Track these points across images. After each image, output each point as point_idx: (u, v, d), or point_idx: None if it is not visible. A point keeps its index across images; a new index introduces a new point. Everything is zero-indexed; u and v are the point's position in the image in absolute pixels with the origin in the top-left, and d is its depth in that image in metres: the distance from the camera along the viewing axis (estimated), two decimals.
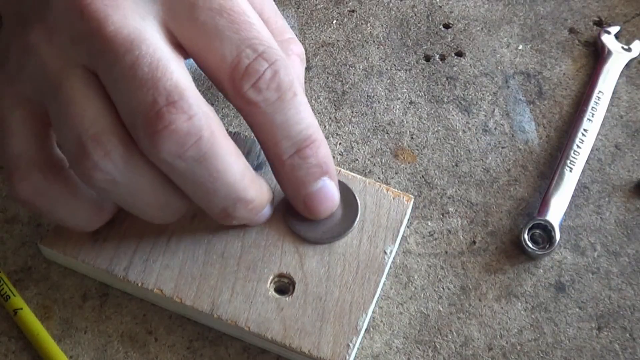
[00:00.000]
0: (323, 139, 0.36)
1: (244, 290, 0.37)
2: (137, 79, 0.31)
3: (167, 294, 0.37)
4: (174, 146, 0.31)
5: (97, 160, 0.32)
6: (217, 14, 0.33)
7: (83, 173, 0.32)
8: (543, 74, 0.47)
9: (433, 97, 0.46)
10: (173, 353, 0.37)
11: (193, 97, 0.32)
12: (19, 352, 0.37)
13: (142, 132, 0.31)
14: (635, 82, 0.47)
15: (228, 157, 0.33)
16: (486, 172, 0.43)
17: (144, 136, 0.31)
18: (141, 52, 0.31)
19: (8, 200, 0.42)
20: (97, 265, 0.38)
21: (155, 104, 0.31)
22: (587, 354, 0.38)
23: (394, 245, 0.39)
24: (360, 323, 0.36)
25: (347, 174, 0.41)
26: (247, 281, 0.37)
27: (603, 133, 0.45)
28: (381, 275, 0.38)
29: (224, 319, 0.36)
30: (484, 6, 0.50)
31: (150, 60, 0.31)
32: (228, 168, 0.33)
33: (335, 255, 0.38)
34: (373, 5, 0.50)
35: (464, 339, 0.38)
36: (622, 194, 0.43)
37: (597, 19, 0.50)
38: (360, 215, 0.39)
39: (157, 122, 0.31)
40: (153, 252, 0.38)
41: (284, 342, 0.36)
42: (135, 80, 0.31)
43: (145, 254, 0.38)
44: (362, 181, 0.40)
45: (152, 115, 0.31)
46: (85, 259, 0.38)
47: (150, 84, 0.31)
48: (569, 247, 0.41)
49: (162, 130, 0.31)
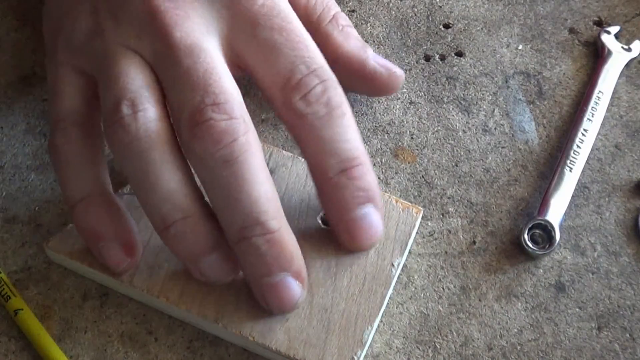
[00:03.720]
0: (370, 165, 0.37)
1: (249, 299, 0.37)
2: (192, 81, 0.34)
3: (172, 302, 0.37)
4: (209, 141, 0.33)
5: (125, 116, 0.34)
6: (276, 33, 0.36)
7: (109, 127, 0.35)
8: (543, 74, 0.47)
9: (433, 97, 0.46)
10: (173, 353, 0.37)
11: (238, 104, 0.34)
12: (19, 352, 0.37)
13: (184, 124, 0.34)
14: (635, 82, 0.47)
15: (259, 173, 0.34)
16: (486, 172, 0.43)
17: (185, 128, 0.34)
18: (199, 59, 0.35)
19: (8, 200, 0.42)
20: (104, 270, 0.38)
21: (202, 102, 0.34)
22: (587, 354, 0.38)
23: (402, 258, 0.39)
24: (365, 336, 0.36)
25: None
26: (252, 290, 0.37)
27: (603, 133, 0.45)
28: (388, 288, 0.38)
29: (228, 329, 0.36)
30: (484, 6, 0.50)
31: (206, 67, 0.35)
32: (256, 181, 0.34)
33: (342, 267, 0.38)
34: (373, 5, 0.50)
35: (464, 339, 0.38)
36: (622, 194, 0.43)
37: (597, 19, 0.49)
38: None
39: (199, 116, 0.34)
40: (159, 259, 0.38)
41: (288, 353, 0.35)
42: (189, 81, 0.34)
43: (151, 261, 0.38)
44: None
45: (197, 112, 0.34)
46: (92, 263, 0.38)
47: (202, 86, 0.34)
48: (569, 247, 0.41)
49: (202, 124, 0.33)
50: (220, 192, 0.34)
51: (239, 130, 0.34)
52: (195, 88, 0.34)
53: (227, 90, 0.34)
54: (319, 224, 0.39)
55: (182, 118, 0.34)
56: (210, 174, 0.34)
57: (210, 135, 0.33)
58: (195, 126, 0.33)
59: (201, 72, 0.34)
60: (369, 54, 0.42)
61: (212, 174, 0.34)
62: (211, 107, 0.34)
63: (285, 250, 0.34)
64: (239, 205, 0.34)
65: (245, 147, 0.34)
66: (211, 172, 0.34)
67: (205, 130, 0.33)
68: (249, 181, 0.33)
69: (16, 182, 0.42)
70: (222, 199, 0.34)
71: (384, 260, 0.38)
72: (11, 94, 0.46)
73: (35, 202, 0.42)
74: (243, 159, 0.33)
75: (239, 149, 0.33)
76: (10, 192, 0.42)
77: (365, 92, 0.44)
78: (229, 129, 0.33)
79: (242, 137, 0.34)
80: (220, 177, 0.34)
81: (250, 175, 0.34)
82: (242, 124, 0.34)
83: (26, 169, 0.43)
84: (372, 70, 0.41)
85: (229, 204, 0.34)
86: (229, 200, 0.34)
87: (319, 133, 0.35)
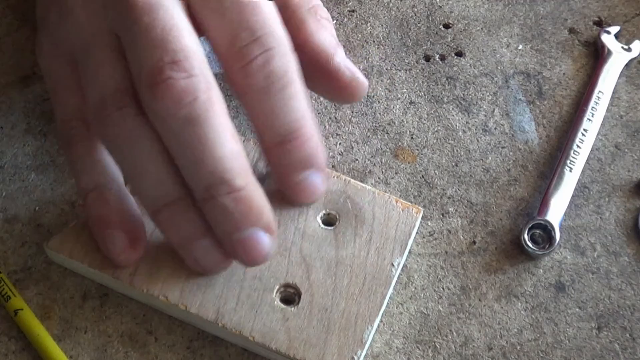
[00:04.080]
0: (311, 133, 0.36)
1: (250, 299, 0.37)
2: (150, 39, 0.33)
3: (172, 301, 0.37)
4: (169, 101, 0.32)
5: (110, 113, 0.34)
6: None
7: (98, 122, 0.35)
8: (543, 74, 0.47)
9: (433, 97, 0.46)
10: (173, 353, 0.37)
11: (198, 61, 0.33)
12: (19, 352, 0.37)
13: (143, 86, 0.33)
14: (635, 82, 0.47)
15: (222, 131, 0.33)
16: (486, 172, 0.43)
17: (144, 89, 0.33)
18: (157, 16, 0.33)
19: (8, 200, 0.42)
20: (104, 270, 0.38)
21: (160, 61, 0.33)
22: (587, 354, 0.38)
23: (402, 258, 0.39)
24: (365, 336, 0.36)
25: (356, 185, 0.40)
26: (252, 290, 0.37)
27: (603, 133, 0.45)
28: (388, 288, 0.37)
29: (228, 328, 0.36)
30: (484, 6, 0.50)
31: (164, 24, 0.33)
32: (218, 140, 0.33)
33: (342, 267, 0.38)
34: (373, 5, 0.50)
35: (464, 339, 0.38)
36: (622, 194, 0.43)
37: (597, 19, 0.50)
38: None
39: (157, 76, 0.32)
40: (159, 259, 0.38)
41: (288, 352, 0.35)
42: (147, 40, 0.33)
43: (151, 261, 0.38)
44: (371, 192, 0.40)
45: (155, 71, 0.33)
46: (92, 263, 0.38)
47: (160, 44, 0.33)
48: (569, 247, 0.41)
49: (160, 83, 0.32)
50: (184, 153, 0.33)
51: (199, 87, 0.33)
52: (154, 46, 0.33)
53: (187, 47, 0.33)
54: (319, 223, 0.39)
55: (142, 78, 0.33)
56: (173, 134, 0.33)
57: (169, 95, 0.32)
58: (155, 86, 0.32)
59: (159, 29, 0.33)
60: (339, 52, 0.39)
61: (174, 134, 0.33)
62: (169, 65, 0.32)
63: (253, 207, 0.34)
64: (202, 165, 0.33)
65: (206, 106, 0.33)
66: (173, 133, 0.33)
67: (164, 90, 0.32)
68: (212, 140, 0.33)
69: (16, 182, 0.42)
70: (186, 159, 0.34)
71: (384, 260, 0.38)
72: (11, 94, 0.46)
73: (35, 202, 0.42)
74: (205, 118, 0.33)
75: (200, 108, 0.33)
76: (10, 192, 0.42)
77: (325, 92, 0.41)
78: (189, 88, 0.32)
79: (202, 95, 0.33)
80: (182, 137, 0.33)
81: (213, 134, 0.33)
82: (203, 82, 0.33)
83: (26, 169, 0.43)
84: (336, 68, 0.39)
85: (193, 164, 0.33)
86: (193, 160, 0.33)
87: (257, 105, 0.35)
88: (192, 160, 0.33)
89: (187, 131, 0.33)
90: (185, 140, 0.33)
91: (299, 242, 0.38)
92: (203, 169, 0.33)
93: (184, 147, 0.33)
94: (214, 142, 0.33)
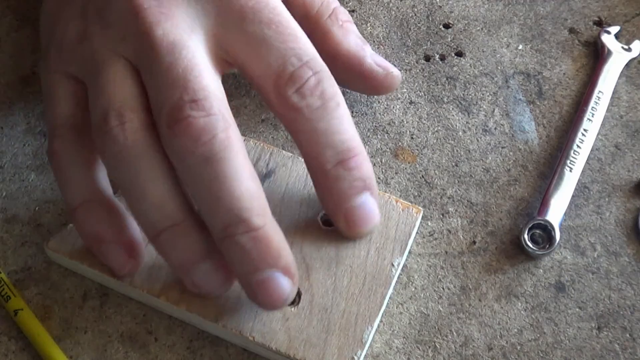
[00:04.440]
0: (366, 155, 0.37)
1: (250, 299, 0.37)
2: (172, 77, 0.34)
3: (172, 302, 0.37)
4: (188, 139, 0.33)
5: (113, 127, 0.34)
6: (265, 26, 0.36)
7: (98, 137, 0.35)
8: (543, 74, 0.47)
9: (433, 97, 0.46)
10: (173, 353, 0.37)
11: (217, 100, 0.34)
12: (19, 352, 0.37)
13: (163, 122, 0.34)
14: (635, 82, 0.47)
15: (240, 170, 0.33)
16: (486, 172, 0.43)
17: (164, 126, 0.34)
18: (180, 56, 0.34)
19: (8, 200, 0.42)
20: (104, 270, 0.38)
21: (180, 99, 0.33)
22: (587, 354, 0.38)
23: (402, 258, 0.39)
24: (365, 336, 0.36)
25: None
26: None
27: (603, 133, 0.45)
28: (388, 288, 0.38)
29: (228, 328, 0.36)
30: (484, 6, 0.50)
31: (186, 64, 0.34)
32: (237, 179, 0.33)
33: (342, 267, 0.38)
34: (373, 5, 0.50)
35: (464, 339, 0.38)
36: (622, 194, 0.43)
37: (597, 19, 0.50)
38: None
39: (178, 114, 0.33)
40: (159, 259, 0.38)
41: (288, 352, 0.35)
42: (169, 78, 0.34)
43: (151, 261, 0.38)
44: None
45: (175, 109, 0.33)
46: (92, 263, 0.38)
47: (181, 83, 0.34)
48: (569, 247, 0.41)
49: (181, 121, 0.33)
50: (202, 191, 0.33)
51: (217, 126, 0.33)
52: (175, 85, 0.34)
53: (207, 87, 0.34)
54: (319, 224, 0.39)
55: (162, 116, 0.34)
56: (191, 172, 0.33)
57: (188, 133, 0.33)
58: (174, 124, 0.33)
59: (181, 69, 0.34)
60: (367, 52, 0.41)
61: (192, 172, 0.33)
62: (189, 104, 0.33)
63: (271, 247, 0.33)
64: (220, 204, 0.33)
65: (225, 144, 0.33)
66: (192, 171, 0.33)
67: (184, 128, 0.33)
68: (230, 178, 0.33)
69: (16, 182, 0.42)
70: (204, 198, 0.34)
71: (384, 260, 0.38)
72: (11, 94, 0.46)
73: (35, 202, 0.42)
74: (223, 156, 0.33)
75: (219, 146, 0.33)
76: (10, 192, 0.42)
77: (362, 90, 0.44)
78: (208, 126, 0.33)
79: (221, 134, 0.33)
80: (200, 175, 0.33)
81: (231, 173, 0.33)
82: (221, 120, 0.33)
83: (26, 169, 0.43)
84: (369, 69, 0.41)
85: (211, 203, 0.33)
86: (210, 198, 0.33)
87: (314, 125, 0.35)
88: (210, 198, 0.33)
89: (205, 169, 0.33)
90: (204, 179, 0.33)
91: (299, 242, 0.38)
92: (221, 207, 0.33)
93: (202, 185, 0.33)
94: (232, 180, 0.33)
